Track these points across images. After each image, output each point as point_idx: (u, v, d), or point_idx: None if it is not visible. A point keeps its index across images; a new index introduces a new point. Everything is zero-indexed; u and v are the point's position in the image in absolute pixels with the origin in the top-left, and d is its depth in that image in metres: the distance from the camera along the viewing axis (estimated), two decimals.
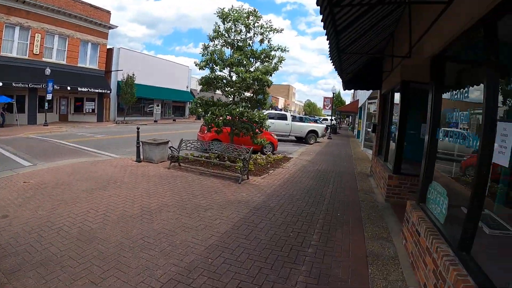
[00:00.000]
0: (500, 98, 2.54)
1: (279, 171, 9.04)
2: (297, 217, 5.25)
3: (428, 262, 3.15)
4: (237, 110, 8.79)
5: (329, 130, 25.94)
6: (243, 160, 7.46)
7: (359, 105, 24.45)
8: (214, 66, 9.43)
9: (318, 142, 19.79)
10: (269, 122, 18.97)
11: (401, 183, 6.07)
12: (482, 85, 2.74)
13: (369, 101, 16.25)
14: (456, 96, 3.39)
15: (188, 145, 8.88)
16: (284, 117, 19.24)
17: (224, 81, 9.51)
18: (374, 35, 5.79)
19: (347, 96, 63.94)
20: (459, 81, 3.60)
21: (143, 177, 7.39)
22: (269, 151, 13.07)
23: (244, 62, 9.10)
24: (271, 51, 9.37)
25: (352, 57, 6.25)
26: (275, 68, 9.15)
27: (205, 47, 9.57)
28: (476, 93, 3.09)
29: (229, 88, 9.27)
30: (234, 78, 9.44)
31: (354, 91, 44.05)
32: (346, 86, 8.83)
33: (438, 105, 3.89)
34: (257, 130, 9.63)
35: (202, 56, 9.58)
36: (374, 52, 7.32)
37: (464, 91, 3.27)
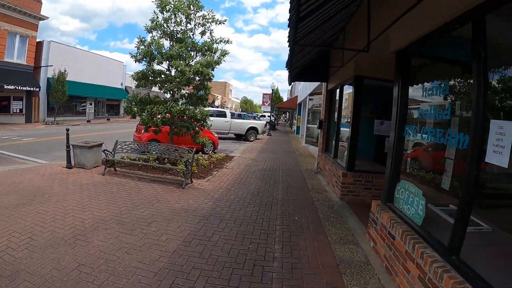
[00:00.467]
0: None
1: (223, 172, 8.37)
2: (253, 224, 4.67)
3: (411, 268, 2.87)
4: (177, 107, 7.79)
5: (268, 126, 26.13)
6: (185, 163, 6.59)
7: (299, 101, 25.09)
8: (152, 59, 8.28)
9: (258, 139, 19.61)
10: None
11: (356, 180, 5.96)
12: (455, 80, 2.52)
13: (310, 97, 16.56)
14: (430, 92, 3.18)
15: (124, 147, 7.64)
16: (223, 114, 18.55)
17: (163, 76, 8.39)
18: (328, 28, 5.51)
19: (284, 93, 65.92)
20: (433, 76, 3.41)
21: (75, 187, 6.12)
22: (210, 150, 12.29)
23: (184, 55, 8.15)
24: (213, 43, 8.57)
25: (306, 49, 5.91)
26: (218, 62, 8.39)
27: (141, 40, 8.33)
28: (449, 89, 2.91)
29: (167, 84, 8.19)
30: (173, 72, 8.42)
31: (292, 88, 45.35)
32: (293, 79, 8.55)
33: (405, 101, 3.68)
34: (197, 128, 8.78)
35: (138, 49, 8.34)
36: (324, 46, 7.13)
37: (439, 87, 3.07)
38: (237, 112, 29.77)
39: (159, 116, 8.12)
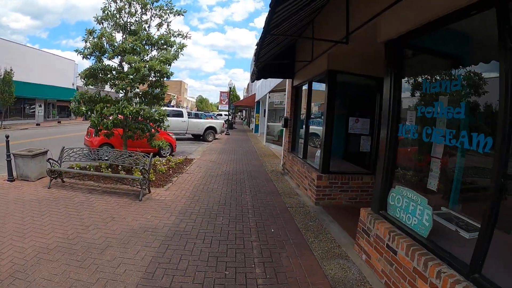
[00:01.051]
0: None
1: (184, 177, 7.52)
2: (225, 243, 3.99)
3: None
4: (130, 108, 6.73)
5: (226, 126, 25.37)
6: (142, 170, 5.66)
7: (257, 99, 24.69)
8: (102, 54, 7.08)
9: (217, 139, 18.79)
10: None
11: (332, 183, 5.57)
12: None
13: (270, 94, 16.15)
14: (435, 88, 2.79)
15: (71, 154, 6.39)
16: (180, 114, 17.40)
17: (114, 72, 7.23)
18: (297, 20, 5.01)
19: (240, 91, 65.38)
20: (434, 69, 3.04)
21: (17, 204, 4.94)
22: (168, 153, 11.27)
23: (139, 50, 7.10)
24: (170, 36, 7.62)
25: (275, 40, 5.35)
26: (175, 56, 7.47)
27: (91, 32, 7.07)
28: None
29: (119, 82, 7.08)
30: (126, 68, 7.31)
31: (249, 86, 45.01)
32: (258, 75, 7.98)
33: (398, 97, 3.29)
34: (153, 130, 7.80)
35: (86, 42, 7.08)
36: (291, 38, 6.64)
37: (446, 82, 2.69)
38: (194, 111, 28.51)
39: (110, 118, 6.98)
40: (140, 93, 7.73)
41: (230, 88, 23.81)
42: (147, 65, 6.82)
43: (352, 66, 5.44)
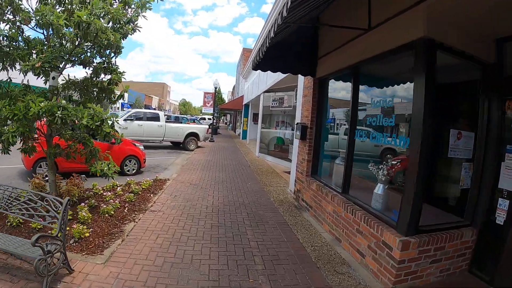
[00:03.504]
0: None
1: (145, 223, 4.55)
2: None
3: None
4: (43, 104, 3.70)
5: (210, 131, 22.45)
6: (50, 240, 2.71)
7: (245, 102, 21.87)
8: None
9: (199, 147, 15.86)
10: (135, 124, 13.81)
11: (422, 251, 2.89)
12: None
13: (265, 95, 13.37)
14: None
15: None
16: (155, 117, 14.31)
17: (18, 43, 4.27)
18: None
19: (224, 94, 62.13)
20: None
21: None
22: (134, 169, 8.31)
23: None
24: None
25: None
26: (132, 20, 4.56)
27: None
28: None
29: (27, 58, 4.14)
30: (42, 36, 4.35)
31: (235, 88, 42.26)
32: (265, 64, 5.18)
33: None
34: (96, 143, 4.85)
35: None
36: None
37: None
38: (174, 114, 25.30)
39: (10, 123, 4.01)
40: (78, 81, 4.74)
41: (215, 88, 20.82)
42: (79, 23, 3.74)
43: (454, 38, 2.84)
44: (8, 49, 4.22)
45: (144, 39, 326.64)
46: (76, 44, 4.25)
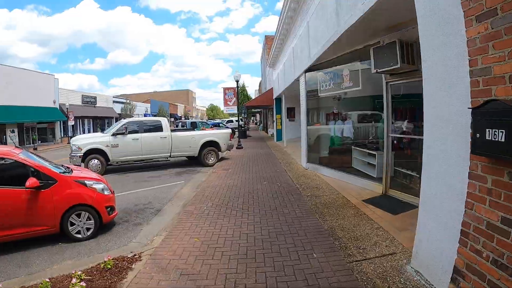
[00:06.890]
0: None
1: None
2: None
3: None
4: None
5: (236, 135, 18.39)
6: None
7: (276, 95, 17.54)
8: None
9: (222, 158, 11.81)
10: (129, 138, 9.96)
11: None
12: None
13: (307, 75, 8.89)
14: None
15: None
16: (156, 127, 10.38)
17: None
18: None
19: (251, 95, 57.83)
20: None
21: None
22: (89, 228, 4.45)
23: None
24: None
25: None
26: None
27: None
28: None
29: None
30: None
31: (260, 86, 37.90)
32: None
33: None
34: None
35: None
36: None
37: None
38: (190, 120, 21.52)
39: None
40: None
41: (237, 81, 16.68)
42: None
43: None
44: None
45: (165, 49, 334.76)
46: None
